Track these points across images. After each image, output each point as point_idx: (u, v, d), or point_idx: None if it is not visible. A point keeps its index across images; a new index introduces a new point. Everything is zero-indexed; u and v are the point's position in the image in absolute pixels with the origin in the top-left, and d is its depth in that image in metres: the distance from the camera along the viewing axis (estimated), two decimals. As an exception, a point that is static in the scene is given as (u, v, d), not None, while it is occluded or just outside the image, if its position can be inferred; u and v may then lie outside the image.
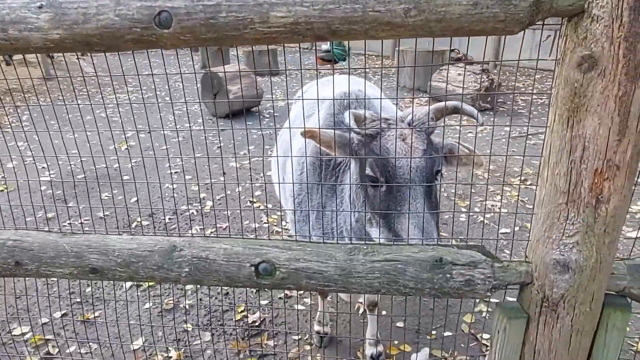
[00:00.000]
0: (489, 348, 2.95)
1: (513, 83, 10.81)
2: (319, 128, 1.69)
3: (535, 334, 1.36)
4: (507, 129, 7.54)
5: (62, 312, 3.22)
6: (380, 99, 1.50)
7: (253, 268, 1.38)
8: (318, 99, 1.63)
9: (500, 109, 8.80)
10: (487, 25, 1.05)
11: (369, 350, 2.84)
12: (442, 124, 1.78)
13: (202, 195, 5.08)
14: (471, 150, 1.72)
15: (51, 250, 1.46)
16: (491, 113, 8.42)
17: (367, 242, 1.86)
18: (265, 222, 4.44)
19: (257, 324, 3.15)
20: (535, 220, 1.31)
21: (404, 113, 1.72)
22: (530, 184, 5.36)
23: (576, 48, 1.08)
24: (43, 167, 5.65)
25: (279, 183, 2.15)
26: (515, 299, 1.45)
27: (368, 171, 1.69)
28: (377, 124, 1.68)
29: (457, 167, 1.71)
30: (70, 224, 4.33)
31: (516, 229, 4.39)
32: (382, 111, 2.08)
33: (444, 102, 1.65)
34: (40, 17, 1.19)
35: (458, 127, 1.42)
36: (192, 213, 4.66)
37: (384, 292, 1.37)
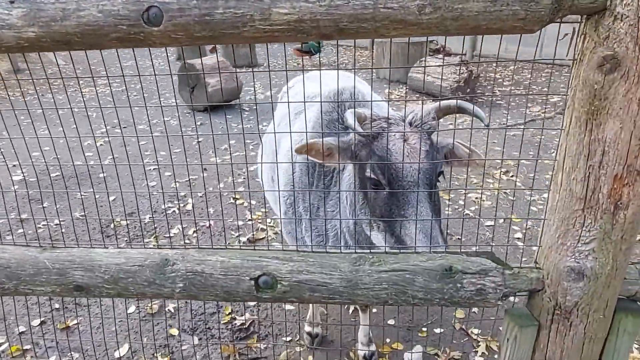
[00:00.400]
0: (480, 344, 2.96)
1: (491, 74, 10.90)
2: (322, 139, 1.60)
3: (546, 341, 1.33)
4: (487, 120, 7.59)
5: (41, 320, 3.07)
6: (389, 100, 1.43)
7: (253, 282, 1.30)
8: (322, 99, 1.54)
9: (479, 100, 8.85)
10: (506, 24, 0.98)
11: (362, 350, 2.79)
12: (440, 125, 1.72)
13: (182, 192, 4.93)
14: (472, 150, 1.67)
15: (30, 267, 1.34)
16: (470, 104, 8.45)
17: (366, 246, 1.81)
18: (249, 220, 4.34)
19: (245, 326, 3.07)
20: (546, 226, 1.26)
21: (404, 112, 1.65)
22: (512, 176, 5.39)
23: (597, 48, 1.02)
24: (14, 166, 5.39)
25: (270, 191, 2.06)
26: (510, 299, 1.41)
27: (369, 173, 1.61)
28: (378, 123, 1.60)
29: (461, 168, 1.65)
30: (47, 225, 4.14)
31: (501, 221, 4.41)
32: (378, 110, 2.01)
33: (447, 101, 1.59)
34: (13, 13, 1.07)
35: (456, 128, 1.36)
36: (174, 212, 4.52)
37: (391, 304, 1.31)
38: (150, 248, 1.36)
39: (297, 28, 1.01)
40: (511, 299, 2.73)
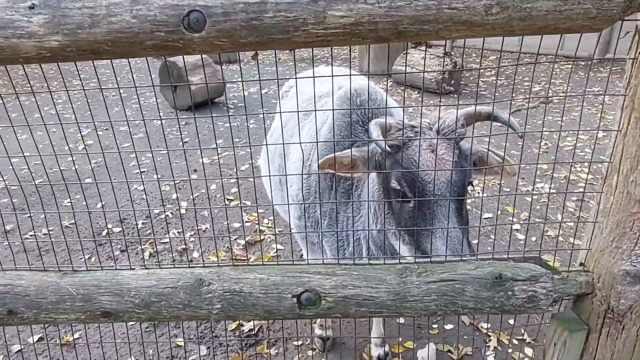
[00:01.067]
0: (491, 338, 2.95)
1: (471, 65, 10.98)
2: (334, 153, 1.54)
3: (596, 345, 1.30)
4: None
5: (37, 337, 2.92)
6: (424, 107, 1.36)
7: (295, 299, 1.23)
8: (336, 99, 1.46)
9: (464, 91, 8.91)
10: (575, 23, 0.93)
11: (376, 351, 2.75)
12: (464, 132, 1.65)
13: (174, 195, 4.78)
14: (504, 158, 1.60)
15: (52, 294, 1.24)
16: (455, 96, 8.52)
17: (390, 256, 1.75)
18: (247, 221, 4.24)
19: (254, 332, 2.99)
20: (598, 229, 1.23)
21: (431, 119, 1.58)
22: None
23: (662, 46, 0.98)
24: (-8, 174, 5.14)
25: (280, 203, 1.97)
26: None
27: (394, 184, 1.55)
28: (404, 132, 1.53)
29: (487, 176, 1.60)
30: (34, 235, 3.96)
31: (499, 212, 4.43)
32: (391, 116, 1.95)
33: (478, 108, 1.53)
34: (33, 20, 0.96)
35: (483, 135, 1.30)
36: (167, 216, 4.38)
37: (440, 315, 1.26)
38: (181, 267, 1.27)
39: (353, 32, 0.93)
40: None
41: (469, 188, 1.58)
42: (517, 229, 4.15)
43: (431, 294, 1.23)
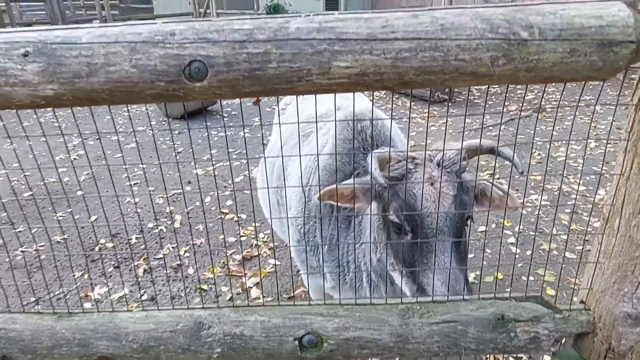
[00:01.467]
0: (488, 357, 2.95)
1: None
2: (337, 184, 1.52)
3: (597, 384, 1.30)
4: (468, 120, 7.68)
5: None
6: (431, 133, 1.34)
7: (297, 342, 1.21)
8: (338, 125, 1.45)
9: (457, 99, 8.95)
10: (580, 74, 0.93)
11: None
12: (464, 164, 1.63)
13: (168, 209, 4.73)
14: (506, 191, 1.58)
15: (47, 339, 1.20)
16: (450, 104, 8.56)
17: (389, 282, 1.74)
18: (242, 236, 4.21)
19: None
20: (599, 270, 1.23)
21: (432, 151, 1.56)
22: (498, 178, 5.45)
23: (666, 94, 0.98)
24: (-19, 186, 5.06)
25: (289, 240, 1.96)
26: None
27: (392, 217, 1.53)
28: (403, 165, 1.52)
29: (490, 209, 1.58)
30: (23, 252, 3.89)
31: (493, 225, 4.45)
32: (394, 143, 1.93)
33: (477, 141, 1.52)
34: (27, 69, 0.93)
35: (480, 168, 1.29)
36: (161, 230, 4.33)
37: (441, 355, 1.25)
38: (180, 309, 1.25)
39: (358, 81, 0.92)
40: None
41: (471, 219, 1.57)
42: (511, 243, 4.16)
43: (433, 335, 1.22)
